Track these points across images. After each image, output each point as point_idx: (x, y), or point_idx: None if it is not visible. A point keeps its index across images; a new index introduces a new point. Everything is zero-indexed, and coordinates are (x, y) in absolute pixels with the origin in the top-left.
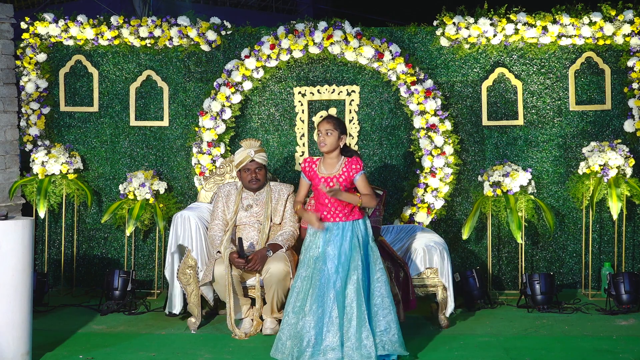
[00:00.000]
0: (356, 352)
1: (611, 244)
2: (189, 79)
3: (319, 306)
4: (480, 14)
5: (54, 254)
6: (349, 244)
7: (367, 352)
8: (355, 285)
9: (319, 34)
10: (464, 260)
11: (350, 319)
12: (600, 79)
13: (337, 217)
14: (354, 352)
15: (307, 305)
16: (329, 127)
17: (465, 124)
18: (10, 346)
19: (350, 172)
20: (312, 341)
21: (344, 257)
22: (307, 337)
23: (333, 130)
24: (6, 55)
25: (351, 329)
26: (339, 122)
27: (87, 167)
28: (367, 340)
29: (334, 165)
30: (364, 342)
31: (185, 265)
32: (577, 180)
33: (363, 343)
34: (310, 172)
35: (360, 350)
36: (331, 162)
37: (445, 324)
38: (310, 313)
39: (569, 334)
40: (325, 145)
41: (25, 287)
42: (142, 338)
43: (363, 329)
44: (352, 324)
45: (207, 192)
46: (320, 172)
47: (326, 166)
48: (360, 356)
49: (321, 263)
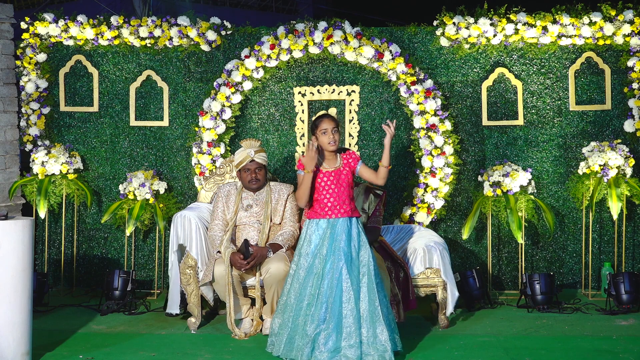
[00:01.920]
0: (372, 347)
1: (611, 244)
2: (189, 79)
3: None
4: (480, 14)
5: (54, 254)
6: (357, 240)
7: (383, 347)
8: (367, 281)
9: (319, 34)
10: (464, 260)
11: (365, 315)
12: (600, 79)
13: (340, 213)
14: (369, 347)
15: (315, 301)
16: (335, 126)
17: (465, 124)
18: (10, 346)
19: (351, 164)
20: (323, 339)
21: (354, 252)
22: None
23: (338, 128)
24: (6, 55)
25: (366, 324)
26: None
27: (87, 167)
28: (381, 335)
29: (334, 161)
30: (379, 337)
31: (185, 265)
32: (577, 180)
33: (378, 338)
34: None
35: (375, 345)
36: (331, 158)
37: (445, 324)
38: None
39: (569, 334)
40: (334, 143)
41: (25, 287)
42: (142, 338)
43: (378, 324)
44: (367, 320)
45: (207, 192)
46: (324, 167)
47: (327, 162)
48: (376, 350)
49: (327, 258)
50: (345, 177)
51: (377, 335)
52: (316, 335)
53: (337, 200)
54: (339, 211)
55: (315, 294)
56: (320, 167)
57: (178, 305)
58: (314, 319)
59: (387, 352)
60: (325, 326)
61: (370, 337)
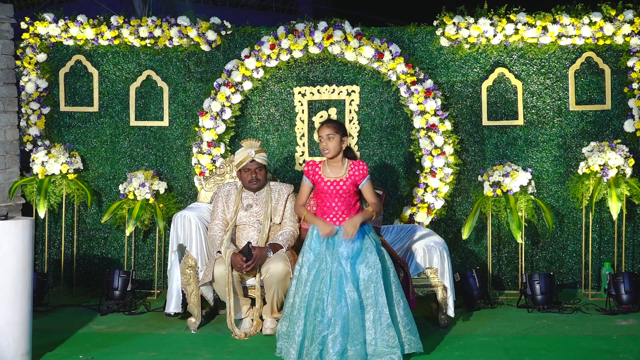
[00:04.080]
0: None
1: (611, 244)
2: (189, 79)
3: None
4: (480, 14)
5: (54, 254)
6: (359, 244)
7: (391, 349)
8: (375, 285)
9: (319, 34)
10: (464, 260)
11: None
12: (600, 79)
13: (339, 221)
14: (377, 349)
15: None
16: (329, 132)
17: (465, 124)
18: (10, 346)
19: (356, 177)
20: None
21: (354, 256)
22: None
23: (334, 134)
24: (6, 55)
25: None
26: (338, 124)
27: (87, 167)
28: (390, 337)
29: (339, 169)
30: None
31: (185, 265)
32: (577, 180)
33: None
34: (314, 176)
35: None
36: (336, 165)
37: (445, 324)
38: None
39: (569, 334)
40: (328, 151)
41: (25, 287)
42: (142, 338)
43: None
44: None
45: (207, 192)
46: (326, 175)
47: (332, 169)
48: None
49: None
50: (347, 189)
51: (385, 338)
52: (323, 339)
53: (339, 208)
54: (338, 219)
55: (321, 298)
56: (322, 175)
57: (179, 305)
58: (321, 323)
59: (396, 354)
60: (332, 329)
61: (379, 340)
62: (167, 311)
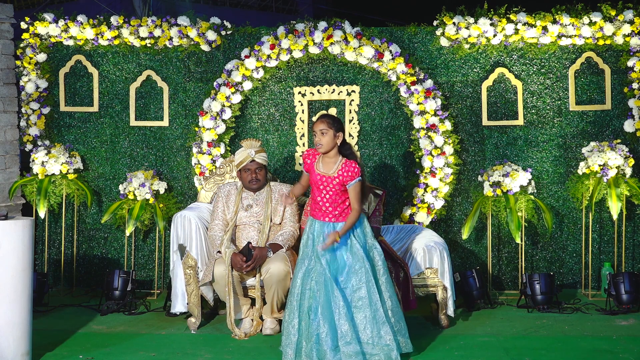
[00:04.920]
0: (376, 348)
1: (611, 244)
2: (189, 79)
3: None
4: (480, 14)
5: (54, 254)
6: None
7: (388, 347)
8: (366, 283)
9: (319, 34)
10: (464, 260)
11: (368, 317)
12: (600, 79)
13: (327, 217)
14: (374, 347)
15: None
16: (323, 127)
17: (465, 124)
18: (10, 346)
19: (344, 177)
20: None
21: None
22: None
23: (327, 129)
24: (6, 55)
25: (369, 327)
26: (333, 119)
27: (87, 167)
28: (386, 335)
29: (331, 165)
30: (384, 337)
31: (185, 265)
32: (577, 180)
33: (382, 338)
34: (309, 165)
35: (380, 345)
36: (329, 161)
37: (445, 324)
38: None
39: (569, 334)
40: (321, 145)
41: (25, 287)
42: (142, 338)
43: (381, 324)
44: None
45: (207, 192)
46: (318, 169)
47: (324, 165)
48: (382, 350)
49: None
50: (334, 187)
51: (382, 335)
52: (317, 337)
53: (327, 202)
54: (326, 215)
55: (313, 297)
56: (315, 167)
57: (185, 304)
58: (313, 321)
59: (393, 351)
60: (322, 326)
61: (375, 338)
62: (173, 311)
